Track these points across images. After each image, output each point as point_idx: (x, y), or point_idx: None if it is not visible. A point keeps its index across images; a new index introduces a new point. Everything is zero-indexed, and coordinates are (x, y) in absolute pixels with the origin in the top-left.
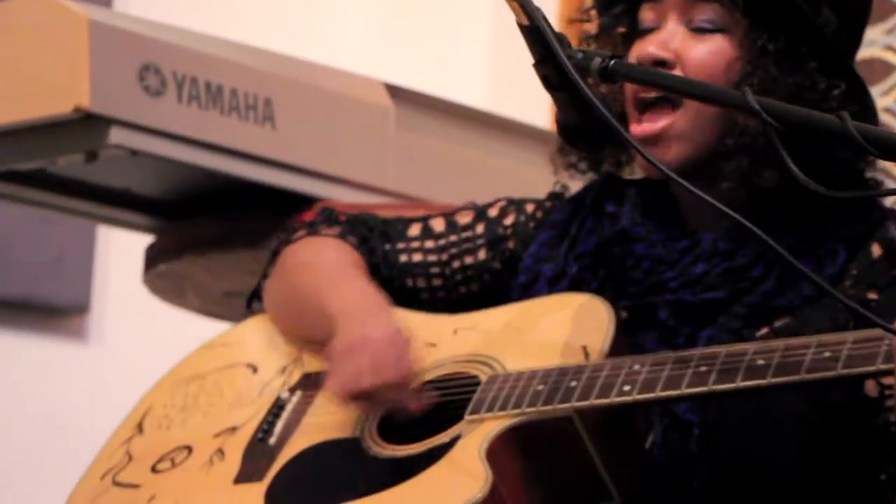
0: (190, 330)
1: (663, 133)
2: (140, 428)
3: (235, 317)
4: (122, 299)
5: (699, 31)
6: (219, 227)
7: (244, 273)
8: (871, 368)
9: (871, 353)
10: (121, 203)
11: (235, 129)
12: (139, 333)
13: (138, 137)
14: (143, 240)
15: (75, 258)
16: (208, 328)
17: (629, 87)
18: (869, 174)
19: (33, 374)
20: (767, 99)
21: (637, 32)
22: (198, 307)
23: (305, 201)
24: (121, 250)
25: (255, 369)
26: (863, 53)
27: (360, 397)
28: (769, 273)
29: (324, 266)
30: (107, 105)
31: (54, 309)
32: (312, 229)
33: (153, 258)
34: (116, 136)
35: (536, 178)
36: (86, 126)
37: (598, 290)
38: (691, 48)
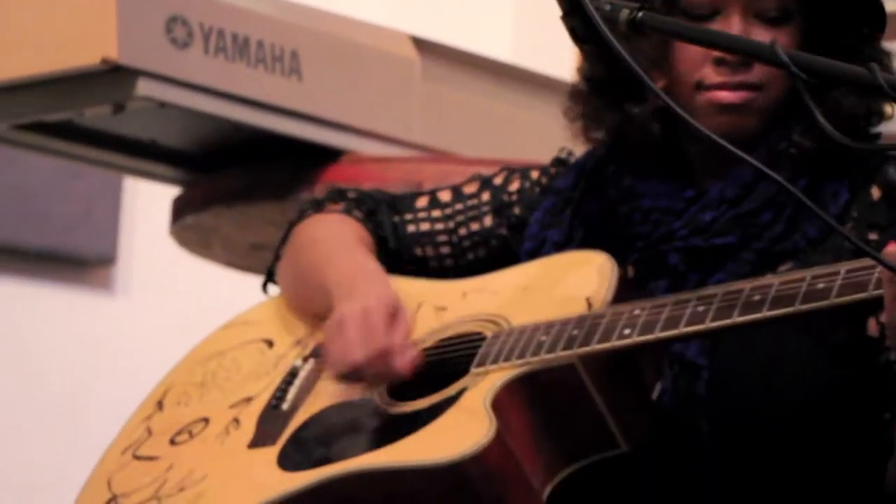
0: (216, 282)
1: (745, 105)
2: (160, 405)
3: (261, 269)
4: (149, 251)
5: (774, 21)
6: (245, 179)
7: (270, 225)
8: (863, 295)
9: (862, 282)
10: (148, 155)
11: (262, 81)
12: (165, 285)
13: (165, 89)
14: (170, 192)
15: (102, 210)
16: (234, 280)
17: (703, 60)
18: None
19: (60, 325)
20: (795, 51)
21: (685, 14)
22: (224, 259)
23: (331, 154)
24: (147, 202)
25: (270, 344)
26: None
27: (356, 371)
28: (778, 218)
29: (325, 242)
30: (134, 57)
31: (81, 260)
32: (319, 207)
33: (180, 210)
34: (144, 87)
35: (560, 131)
36: (113, 78)
37: (606, 251)
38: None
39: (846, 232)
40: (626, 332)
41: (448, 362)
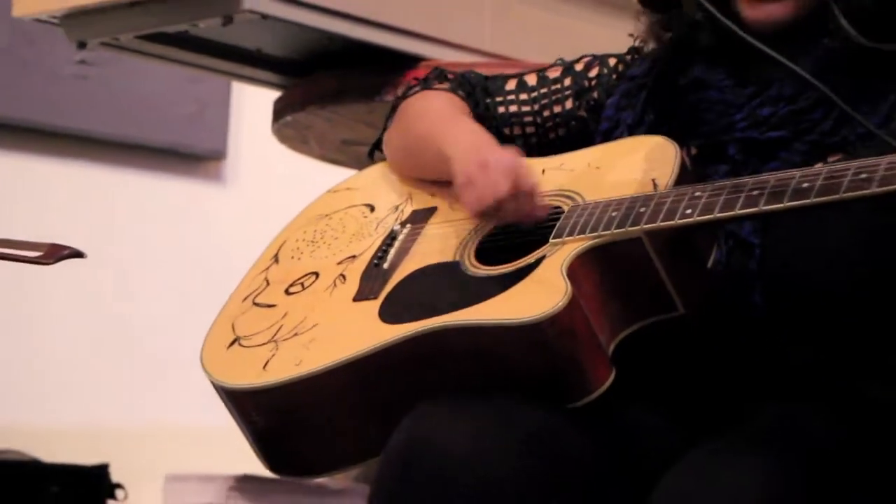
0: (312, 174)
1: None
2: (276, 259)
3: (351, 163)
4: (254, 147)
5: None
6: (337, 83)
7: (359, 123)
8: None
9: None
10: (253, 62)
11: None
12: (268, 177)
13: (268, 3)
14: (272, 94)
15: (214, 111)
16: (327, 172)
17: None
18: None
19: (178, 212)
20: None
21: None
22: (319, 154)
23: (412, 60)
24: (253, 104)
25: (372, 208)
26: None
27: (499, 205)
28: (828, 115)
29: (438, 112)
30: None
31: (196, 156)
32: (426, 84)
33: (280, 110)
34: (249, 1)
35: (612, 39)
36: None
37: (673, 133)
38: None
39: (882, 134)
40: (688, 211)
41: (529, 231)
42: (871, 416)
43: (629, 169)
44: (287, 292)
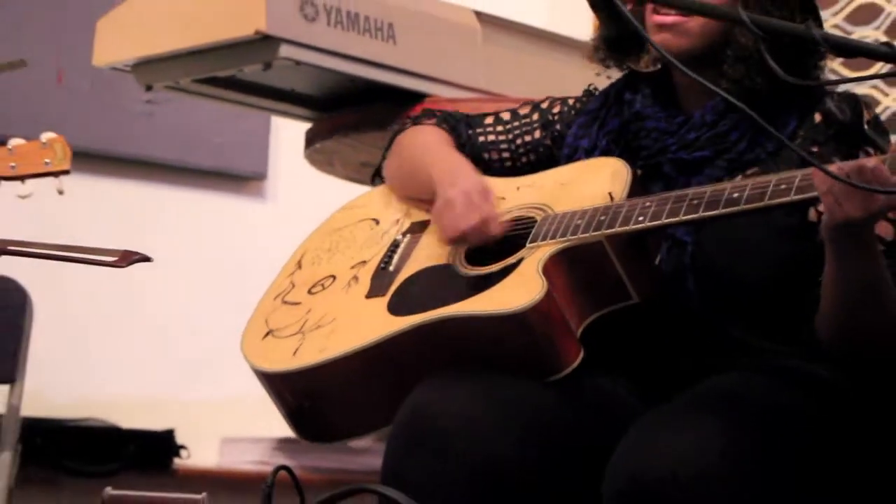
0: (337, 191)
1: (674, 25)
2: (300, 265)
3: (369, 181)
4: (290, 169)
5: None
6: (357, 116)
7: (375, 149)
8: (814, 194)
9: (812, 184)
10: (288, 100)
11: (367, 45)
12: (302, 194)
13: (300, 52)
14: (304, 126)
15: (256, 140)
16: (349, 189)
17: (649, 8)
18: (816, 72)
19: (225, 225)
20: (756, 15)
21: None
22: (343, 174)
23: (418, 96)
24: (288, 134)
25: (377, 222)
26: None
27: (463, 236)
28: (742, 137)
29: (425, 143)
30: (278, 28)
31: (241, 176)
32: (416, 121)
33: (311, 139)
34: (285, 51)
35: (578, 78)
36: (263, 44)
37: (621, 156)
38: None
39: (794, 146)
40: (641, 218)
41: (508, 238)
42: (810, 386)
43: (590, 185)
44: (310, 292)
